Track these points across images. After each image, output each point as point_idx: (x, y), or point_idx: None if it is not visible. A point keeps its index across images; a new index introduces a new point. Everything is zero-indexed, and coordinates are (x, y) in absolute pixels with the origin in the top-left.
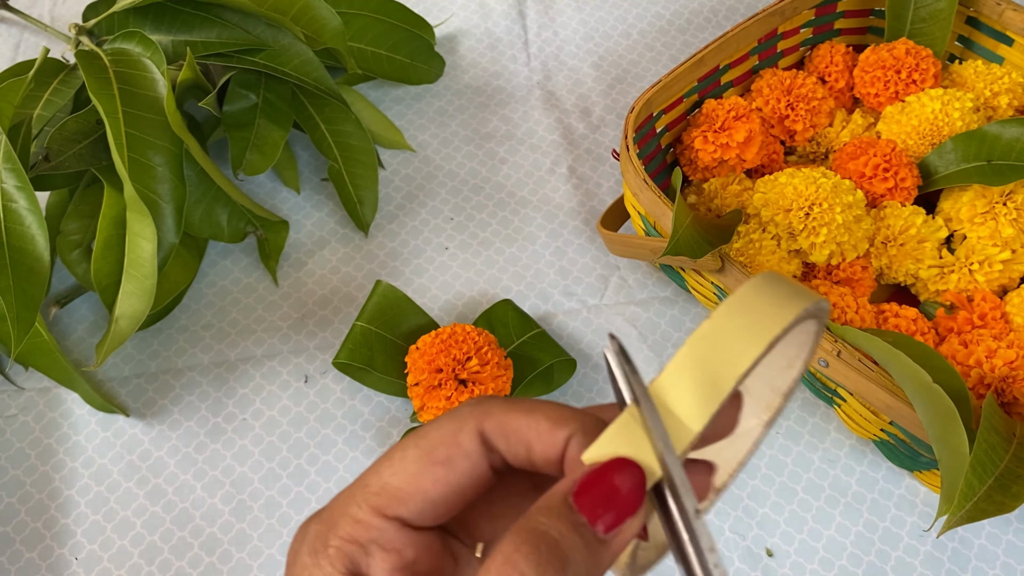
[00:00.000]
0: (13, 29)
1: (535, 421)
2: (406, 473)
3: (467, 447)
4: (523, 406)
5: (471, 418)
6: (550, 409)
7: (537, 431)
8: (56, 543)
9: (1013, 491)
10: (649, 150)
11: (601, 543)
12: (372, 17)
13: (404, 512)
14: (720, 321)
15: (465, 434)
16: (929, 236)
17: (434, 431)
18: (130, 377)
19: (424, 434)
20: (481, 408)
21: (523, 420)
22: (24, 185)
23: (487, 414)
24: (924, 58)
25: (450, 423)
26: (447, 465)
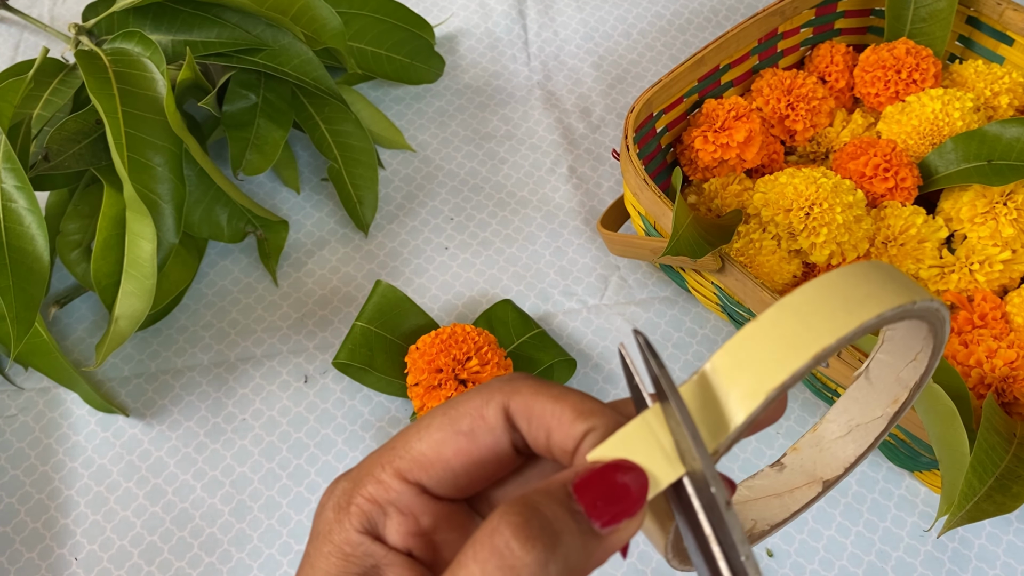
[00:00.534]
0: (13, 29)
1: (560, 409)
2: (430, 440)
3: (491, 421)
4: (552, 391)
5: (499, 393)
6: (577, 400)
7: (559, 419)
8: (56, 543)
9: (1013, 491)
10: (649, 150)
11: (595, 536)
12: (372, 17)
13: (424, 478)
14: (785, 312)
15: (491, 408)
16: (929, 236)
17: (462, 402)
18: (130, 377)
19: (453, 404)
20: (511, 386)
21: (548, 405)
22: (24, 185)
23: (515, 392)
24: (924, 58)
25: (478, 396)
26: (469, 437)
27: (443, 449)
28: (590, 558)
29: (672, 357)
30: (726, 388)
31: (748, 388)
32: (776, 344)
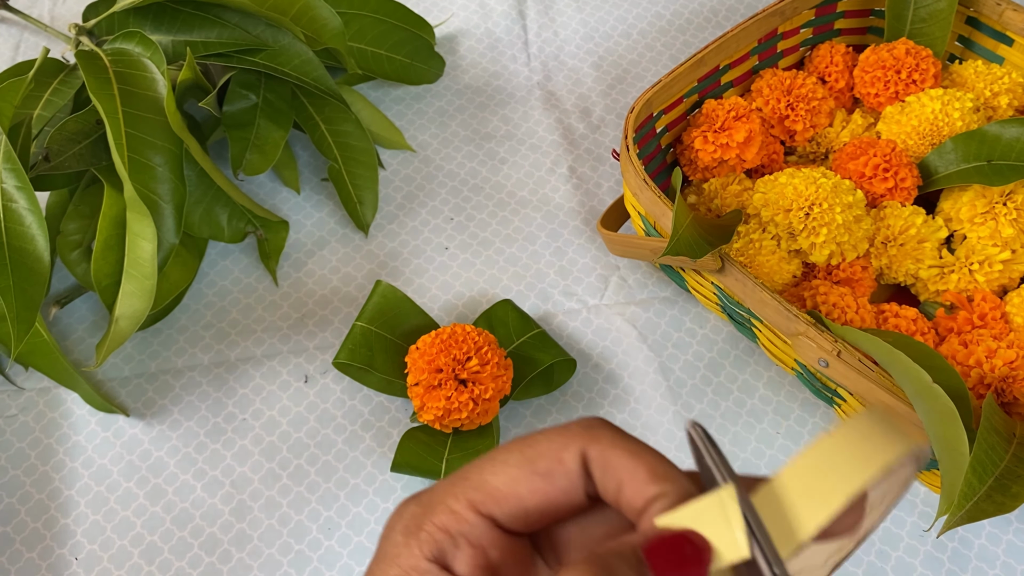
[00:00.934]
0: (13, 29)
1: (636, 465)
2: (506, 476)
3: (569, 465)
4: (630, 446)
5: (579, 439)
6: (653, 459)
7: (633, 475)
8: (56, 543)
9: (1013, 491)
10: (649, 150)
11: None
12: (372, 17)
13: (497, 512)
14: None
15: (569, 453)
16: (929, 236)
17: (542, 441)
18: (130, 377)
19: (531, 443)
20: (591, 432)
21: (625, 459)
22: (24, 185)
23: (595, 440)
24: (924, 58)
25: (558, 437)
26: (546, 478)
27: (519, 487)
28: None
29: (672, 357)
30: (793, 500)
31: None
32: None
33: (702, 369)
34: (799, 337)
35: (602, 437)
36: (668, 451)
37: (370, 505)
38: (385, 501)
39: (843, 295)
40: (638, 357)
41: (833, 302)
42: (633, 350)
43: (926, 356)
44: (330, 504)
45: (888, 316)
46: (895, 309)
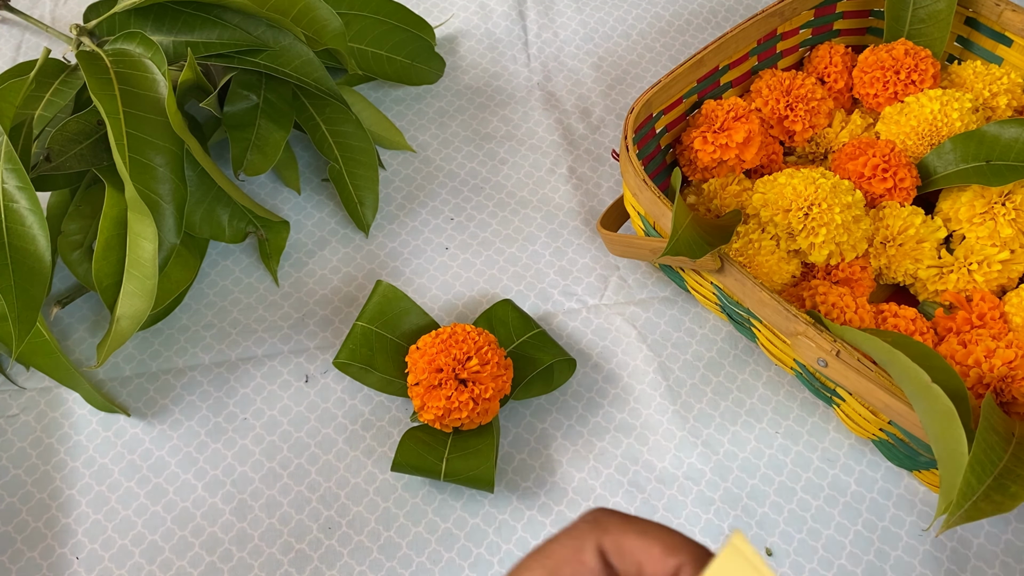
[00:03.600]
0: (14, 30)
1: (648, 544)
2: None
3: (590, 564)
4: (637, 527)
5: (591, 536)
6: (663, 534)
7: (649, 554)
8: (57, 542)
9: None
10: (649, 151)
11: None
12: (372, 18)
13: None
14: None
15: (587, 553)
16: (928, 236)
17: (557, 549)
18: (131, 377)
19: (548, 553)
20: (600, 526)
21: (637, 541)
22: (25, 185)
23: (606, 531)
24: (923, 59)
25: (572, 540)
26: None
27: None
28: None
29: (672, 357)
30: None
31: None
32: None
33: (701, 369)
34: (798, 337)
35: (611, 526)
36: (668, 450)
37: (371, 504)
38: (385, 500)
39: (842, 295)
40: (638, 357)
41: (832, 302)
42: (633, 350)
43: (925, 356)
44: (331, 503)
45: (887, 316)
46: (894, 309)
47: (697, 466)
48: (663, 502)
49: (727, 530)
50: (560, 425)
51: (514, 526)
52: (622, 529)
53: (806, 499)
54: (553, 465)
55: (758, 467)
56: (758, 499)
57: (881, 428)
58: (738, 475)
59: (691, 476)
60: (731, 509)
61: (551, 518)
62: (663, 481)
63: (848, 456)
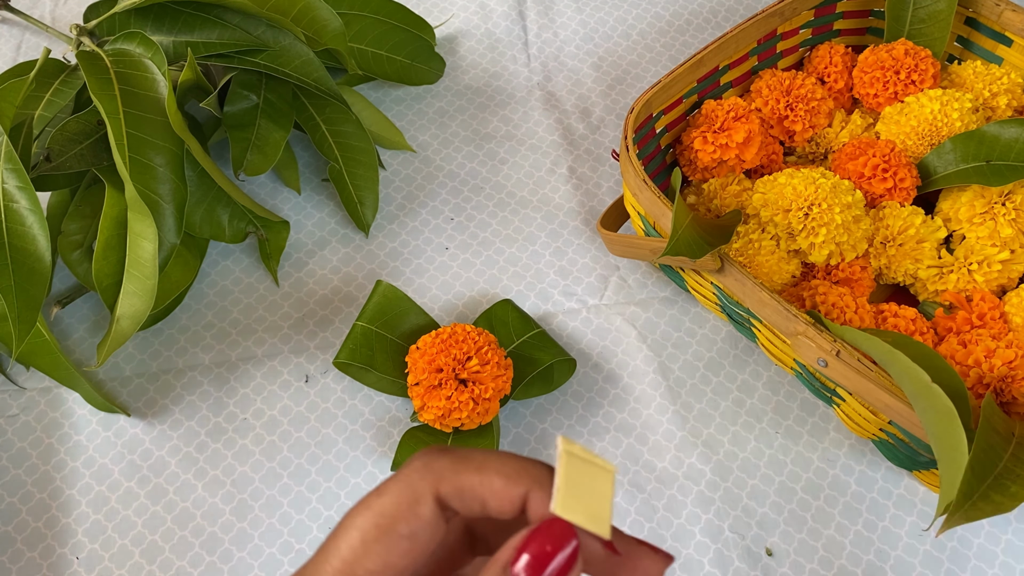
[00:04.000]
0: (14, 30)
1: (487, 479)
2: (373, 553)
3: (427, 517)
4: (472, 463)
5: (425, 486)
6: (501, 464)
7: (491, 489)
8: (57, 543)
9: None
10: (649, 151)
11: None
12: (372, 18)
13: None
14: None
15: (423, 506)
16: (928, 236)
17: (390, 504)
18: (131, 377)
19: (381, 509)
20: (433, 474)
21: (475, 479)
22: (25, 185)
23: (440, 479)
24: (923, 59)
25: (405, 493)
26: (411, 539)
27: (389, 557)
28: None
29: (672, 357)
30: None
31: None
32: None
33: (701, 369)
34: (798, 337)
35: (444, 473)
36: (668, 450)
37: None
38: None
39: (842, 295)
40: (638, 357)
41: (832, 302)
42: (633, 350)
43: (925, 356)
44: (331, 503)
45: (887, 316)
46: (894, 309)
47: (697, 466)
48: (663, 502)
49: (727, 530)
50: (560, 425)
51: None
52: (456, 470)
53: (806, 499)
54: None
55: (758, 467)
56: (758, 499)
57: (881, 428)
58: (738, 475)
59: (691, 476)
60: (731, 509)
61: None
62: (663, 481)
63: (848, 456)
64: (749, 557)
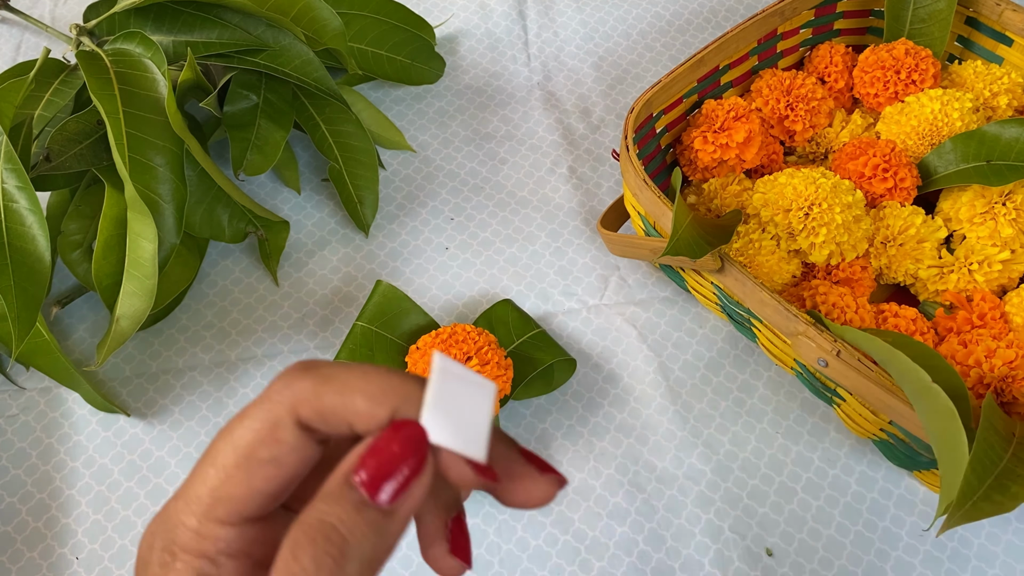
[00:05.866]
0: (14, 29)
1: (349, 400)
2: (237, 479)
3: (290, 442)
4: (335, 384)
5: (284, 411)
6: (365, 383)
7: (354, 411)
8: (57, 543)
9: (1012, 491)
10: (649, 150)
11: (386, 516)
12: (372, 18)
13: (244, 512)
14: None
15: (283, 430)
16: (928, 236)
17: (248, 432)
18: (131, 377)
19: (240, 434)
20: (292, 397)
21: (337, 400)
22: (25, 185)
23: (299, 402)
24: (923, 58)
25: (265, 418)
26: (274, 463)
27: (252, 482)
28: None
29: (672, 357)
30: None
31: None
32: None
33: (702, 369)
34: (798, 337)
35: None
36: (668, 451)
37: None
38: None
39: (842, 295)
40: (638, 357)
41: (832, 302)
42: (633, 350)
43: (925, 356)
44: None
45: (887, 316)
46: (894, 309)
47: (697, 466)
48: (663, 502)
49: (727, 530)
50: (560, 425)
51: (514, 526)
52: (316, 393)
53: (806, 499)
54: (553, 465)
55: (758, 467)
56: (758, 499)
57: (881, 428)
58: (738, 475)
59: (691, 476)
60: (731, 509)
61: (551, 518)
62: (663, 481)
63: (848, 456)
64: (749, 557)
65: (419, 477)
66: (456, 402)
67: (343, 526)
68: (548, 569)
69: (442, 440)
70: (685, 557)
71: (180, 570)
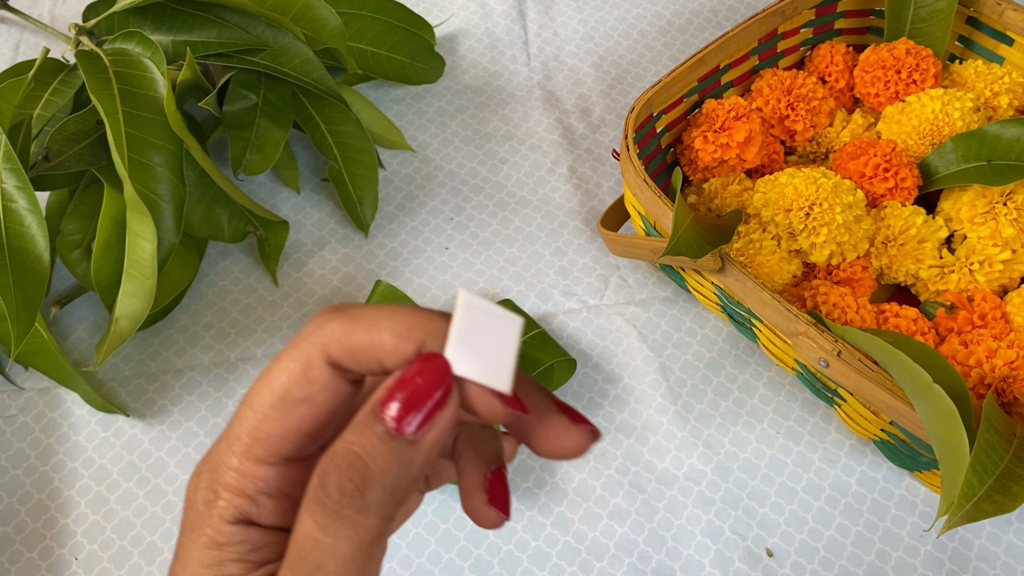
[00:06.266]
0: (13, 29)
1: (377, 337)
2: (272, 421)
3: (322, 380)
4: (364, 322)
5: (315, 351)
6: (393, 320)
7: (383, 348)
8: (56, 543)
9: (1013, 491)
10: (649, 150)
11: (410, 445)
12: (372, 17)
13: (282, 452)
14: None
15: (315, 370)
16: (929, 236)
17: (282, 373)
18: (130, 377)
19: (275, 376)
20: (322, 337)
21: (364, 338)
22: (24, 185)
23: (329, 342)
24: (924, 58)
25: (296, 360)
26: (308, 402)
27: (288, 422)
28: (411, 467)
29: (672, 357)
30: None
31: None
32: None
33: (702, 369)
34: (799, 337)
35: (334, 333)
36: (669, 451)
37: None
38: None
39: (843, 295)
40: (638, 357)
41: (833, 302)
42: (633, 350)
43: (926, 356)
44: None
45: (888, 316)
46: (895, 309)
47: (698, 467)
48: (664, 503)
49: (728, 531)
50: None
51: (514, 527)
52: (346, 331)
53: (807, 500)
54: (553, 466)
55: (759, 468)
56: (759, 500)
57: (882, 429)
58: (739, 476)
59: (692, 477)
60: (732, 510)
61: (551, 519)
62: (664, 482)
63: (849, 457)
64: (750, 558)
65: (443, 408)
66: (481, 336)
67: (367, 455)
68: (548, 570)
69: (466, 372)
70: (685, 558)
71: (222, 507)
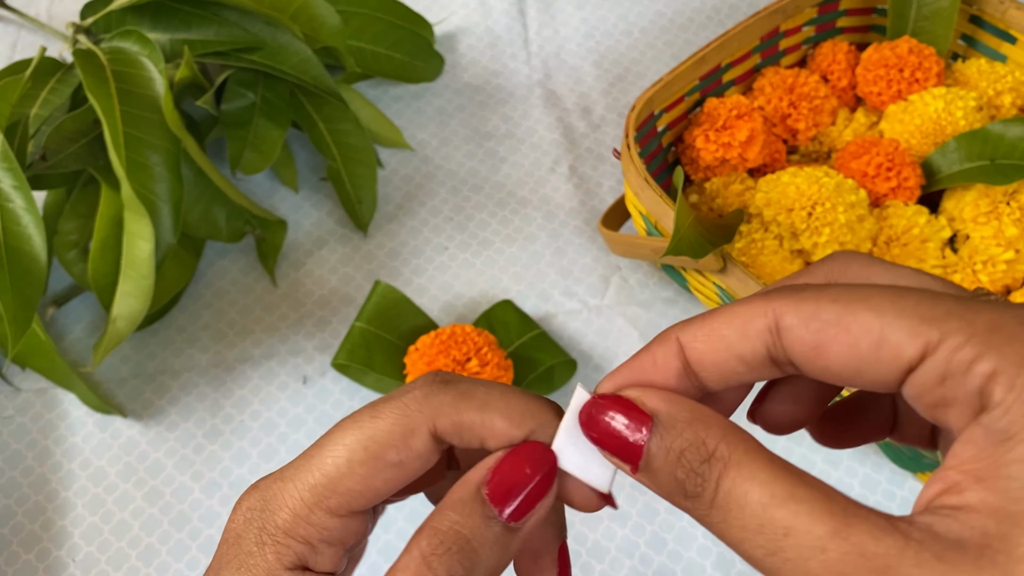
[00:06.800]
0: (10, 28)
1: (488, 419)
2: (357, 475)
3: (419, 450)
4: (475, 401)
5: (423, 419)
6: (505, 403)
7: (491, 430)
8: (53, 545)
9: None
10: (650, 149)
11: (510, 532)
12: (371, 15)
13: (355, 507)
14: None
15: (417, 439)
16: (932, 236)
17: (382, 430)
18: (127, 378)
19: (372, 435)
20: (432, 408)
21: (475, 418)
22: (21, 184)
23: (439, 414)
24: (927, 56)
25: (400, 423)
26: (399, 467)
27: (373, 481)
28: (509, 552)
29: None
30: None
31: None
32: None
33: None
34: None
35: (443, 407)
36: None
37: None
38: None
39: None
40: None
41: None
42: (634, 351)
43: None
44: None
45: None
46: None
47: None
48: (665, 505)
49: None
50: None
51: None
52: (457, 408)
53: None
54: None
55: None
56: None
57: None
58: None
59: None
60: None
61: None
62: None
63: (852, 458)
64: None
65: (544, 499)
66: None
67: (475, 539)
68: None
69: (571, 468)
70: (687, 560)
71: (280, 553)
